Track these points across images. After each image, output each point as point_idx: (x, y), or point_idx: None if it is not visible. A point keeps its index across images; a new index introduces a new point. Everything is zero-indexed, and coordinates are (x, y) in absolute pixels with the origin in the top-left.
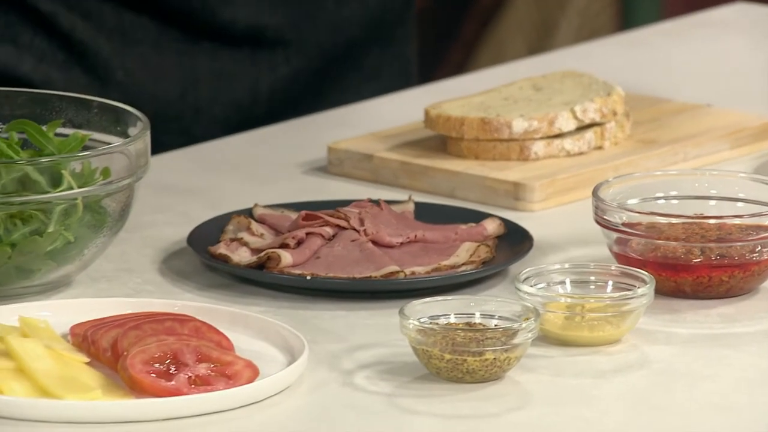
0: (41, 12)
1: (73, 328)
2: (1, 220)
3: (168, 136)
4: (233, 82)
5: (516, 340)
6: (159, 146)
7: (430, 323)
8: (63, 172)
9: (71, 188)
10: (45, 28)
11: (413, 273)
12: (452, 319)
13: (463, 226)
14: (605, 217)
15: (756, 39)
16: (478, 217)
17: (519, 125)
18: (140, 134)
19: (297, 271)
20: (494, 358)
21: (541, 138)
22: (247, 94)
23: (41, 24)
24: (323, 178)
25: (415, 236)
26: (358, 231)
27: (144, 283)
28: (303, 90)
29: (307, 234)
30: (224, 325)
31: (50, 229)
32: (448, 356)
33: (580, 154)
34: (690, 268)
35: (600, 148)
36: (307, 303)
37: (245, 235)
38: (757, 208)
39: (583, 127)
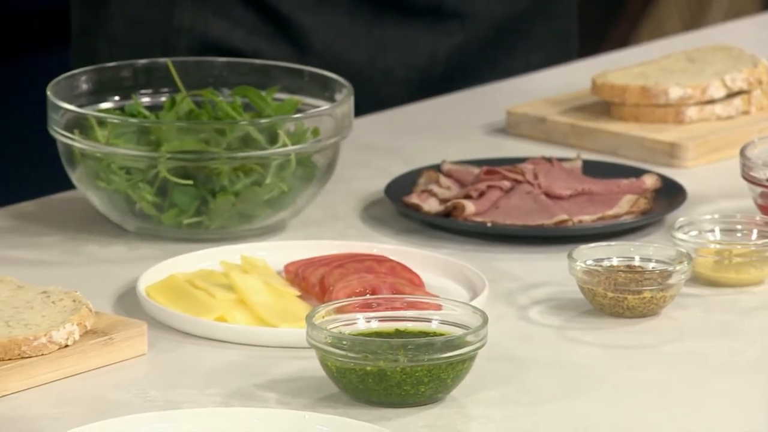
0: None
1: (287, 266)
2: (226, 172)
3: (358, 97)
4: (415, 49)
5: (671, 281)
6: None
7: (595, 265)
8: (279, 131)
9: (286, 145)
10: (254, 4)
11: (580, 221)
12: (614, 262)
13: (625, 181)
14: (751, 173)
15: None
16: (638, 172)
17: (675, 92)
18: (345, 99)
19: (479, 219)
20: (651, 297)
21: (695, 104)
22: (427, 59)
23: (251, 0)
24: (502, 139)
25: (582, 189)
26: (532, 184)
27: (347, 228)
28: (475, 56)
29: (488, 186)
30: (415, 265)
31: (268, 181)
32: (610, 294)
33: (729, 118)
34: None
35: (747, 112)
36: (488, 247)
37: (434, 187)
38: None
39: (732, 95)
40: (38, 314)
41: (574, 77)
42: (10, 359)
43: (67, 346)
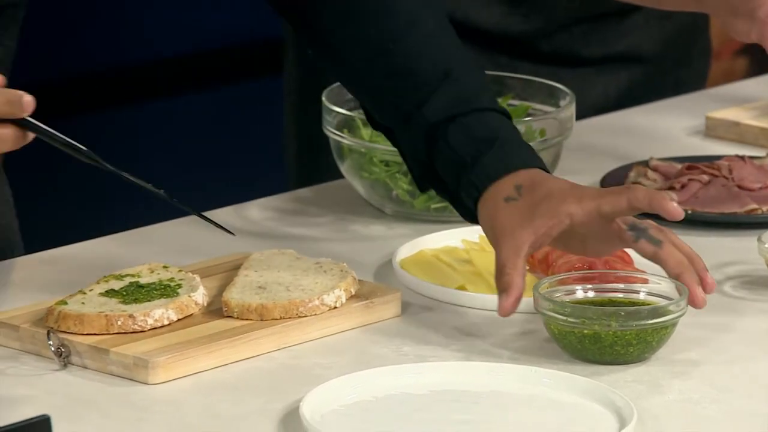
0: None
1: None
2: None
3: None
4: (591, 90)
5: None
6: None
7: None
8: None
9: None
10: None
11: None
12: None
13: None
14: None
15: None
16: None
17: None
18: (567, 105)
19: (681, 207)
20: None
21: None
22: (600, 96)
23: None
24: (701, 140)
25: None
26: (727, 178)
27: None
28: (641, 88)
29: (689, 180)
30: None
31: None
32: None
33: None
34: None
35: None
36: (688, 230)
37: (643, 180)
38: None
39: None
40: (312, 281)
41: (763, 88)
42: (289, 318)
43: (335, 307)
